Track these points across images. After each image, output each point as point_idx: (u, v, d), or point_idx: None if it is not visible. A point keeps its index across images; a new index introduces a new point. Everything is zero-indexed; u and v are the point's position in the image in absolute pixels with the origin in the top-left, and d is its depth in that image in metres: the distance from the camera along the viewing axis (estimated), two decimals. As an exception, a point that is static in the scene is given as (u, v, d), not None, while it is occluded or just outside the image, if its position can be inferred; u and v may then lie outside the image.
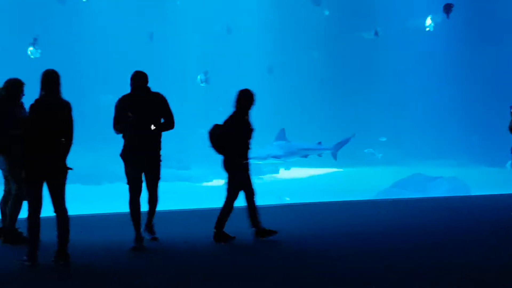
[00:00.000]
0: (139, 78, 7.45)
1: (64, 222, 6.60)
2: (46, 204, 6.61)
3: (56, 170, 6.54)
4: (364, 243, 7.62)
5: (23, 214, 6.89)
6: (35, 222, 6.54)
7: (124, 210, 7.62)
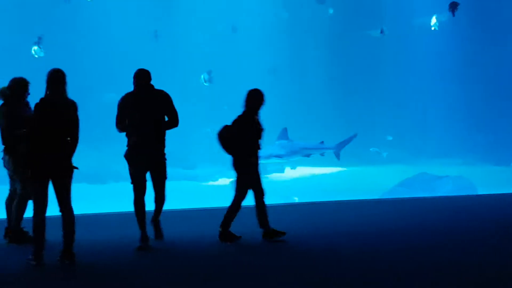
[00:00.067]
0: (142, 76, 7.41)
1: (69, 221, 6.60)
2: (52, 203, 6.61)
3: (61, 169, 6.54)
4: (369, 243, 7.58)
5: (29, 213, 6.88)
6: (40, 222, 6.54)
7: (130, 209, 7.61)
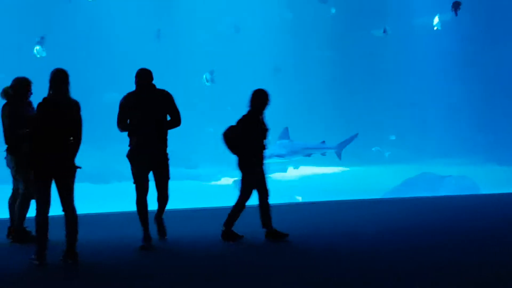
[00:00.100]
0: (144, 76, 7.39)
1: (72, 221, 6.61)
2: (55, 203, 6.62)
3: (64, 169, 6.54)
4: (370, 242, 7.57)
5: (32, 213, 6.89)
6: (43, 221, 6.55)
7: (133, 209, 7.61)
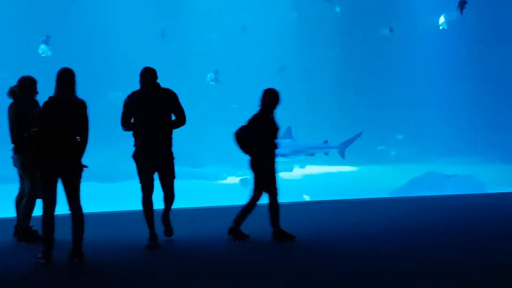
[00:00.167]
0: (148, 75, 7.38)
1: (79, 220, 6.63)
2: (61, 202, 6.64)
3: (70, 168, 6.56)
4: (373, 242, 7.56)
5: (38, 212, 6.91)
6: (49, 220, 6.56)
7: (139, 208, 7.61)
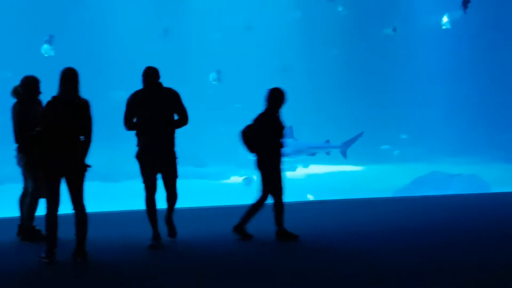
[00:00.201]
0: (151, 74, 7.37)
1: (82, 219, 6.63)
2: (65, 201, 6.64)
3: (74, 168, 6.56)
4: (376, 242, 7.54)
5: (42, 211, 6.91)
6: (53, 220, 6.57)
7: (142, 207, 7.61)
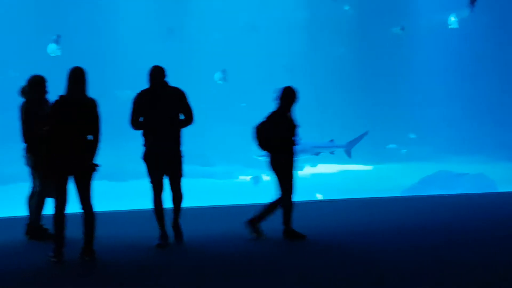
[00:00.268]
0: (157, 73, 7.36)
1: (90, 219, 6.65)
2: (72, 200, 6.65)
3: (81, 167, 6.57)
4: (380, 241, 7.53)
5: (50, 210, 6.94)
6: (60, 219, 6.59)
7: (150, 206, 7.61)
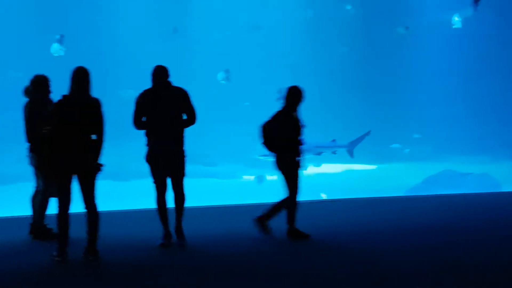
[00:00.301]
0: (160, 73, 7.34)
1: (94, 218, 6.66)
2: (76, 200, 6.66)
3: (84, 167, 6.57)
4: (381, 241, 7.52)
5: (53, 210, 6.94)
6: (64, 218, 6.60)
7: (153, 206, 7.61)
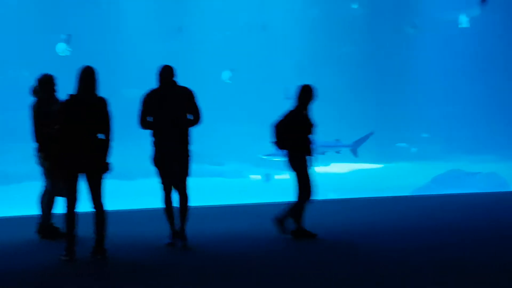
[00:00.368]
0: (166, 73, 7.33)
1: (101, 218, 6.66)
2: (84, 199, 6.66)
3: (92, 166, 6.57)
4: (385, 241, 7.50)
5: (61, 209, 6.94)
6: (72, 218, 6.61)
7: (160, 205, 7.61)
